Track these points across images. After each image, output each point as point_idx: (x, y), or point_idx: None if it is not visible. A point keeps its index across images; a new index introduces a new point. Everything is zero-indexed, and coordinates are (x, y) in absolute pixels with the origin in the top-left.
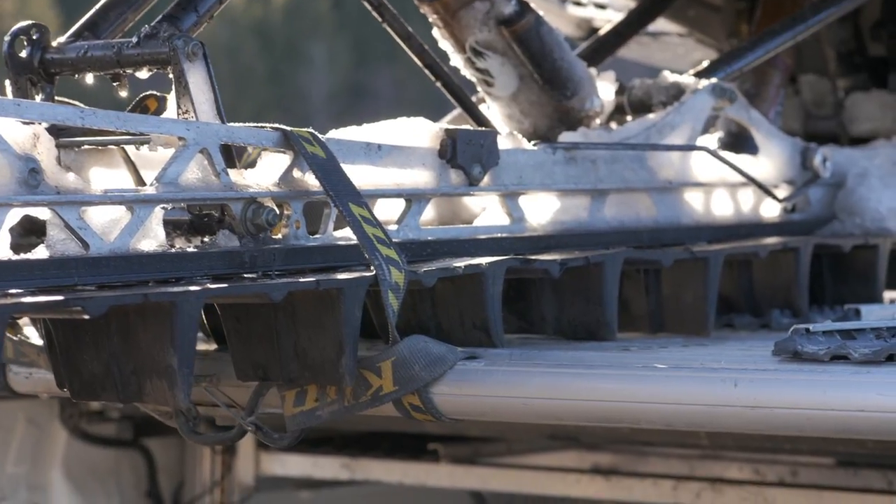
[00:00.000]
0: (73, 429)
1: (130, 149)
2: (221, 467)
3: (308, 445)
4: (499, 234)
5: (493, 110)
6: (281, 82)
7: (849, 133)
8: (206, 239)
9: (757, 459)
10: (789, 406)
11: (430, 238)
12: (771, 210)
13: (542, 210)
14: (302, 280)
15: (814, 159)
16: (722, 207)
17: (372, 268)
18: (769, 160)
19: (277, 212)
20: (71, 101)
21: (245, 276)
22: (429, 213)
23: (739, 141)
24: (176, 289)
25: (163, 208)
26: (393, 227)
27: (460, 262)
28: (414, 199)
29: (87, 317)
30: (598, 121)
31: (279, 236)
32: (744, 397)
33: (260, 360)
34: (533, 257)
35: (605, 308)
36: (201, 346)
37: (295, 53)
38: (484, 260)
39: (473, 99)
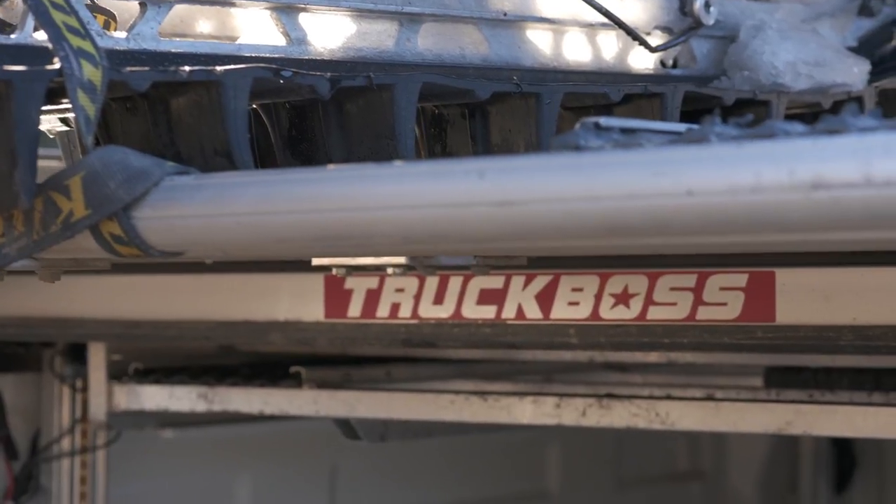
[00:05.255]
0: None
1: None
2: (83, 406)
3: (162, 375)
4: (269, 55)
5: None
6: None
7: None
8: None
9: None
10: (544, 199)
11: (171, 50)
12: (643, 61)
13: (331, 33)
14: None
15: (694, 3)
16: (577, 52)
17: (57, 60)
18: (638, 1)
19: None
20: None
21: None
22: None
23: None
24: None
25: None
26: (121, 35)
27: (190, 67)
28: (149, 2)
29: None
30: None
31: None
32: (491, 192)
33: None
34: (294, 70)
35: (398, 143)
36: None
37: None
38: (222, 67)
39: None
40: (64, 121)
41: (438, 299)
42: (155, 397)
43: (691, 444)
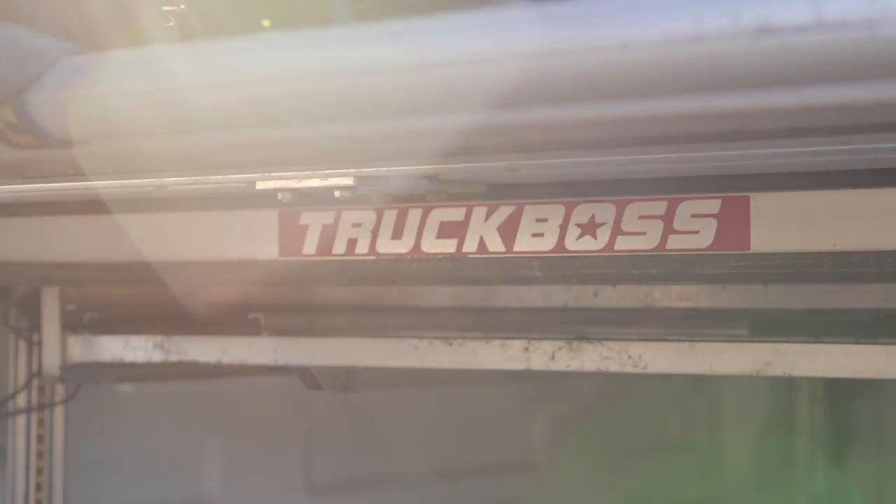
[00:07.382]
0: None
1: None
2: (39, 361)
3: (117, 325)
4: None
5: None
6: None
7: None
8: None
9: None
10: (464, 60)
11: None
12: None
13: None
14: None
15: None
16: None
17: None
18: None
19: None
20: None
21: None
22: None
23: None
24: None
25: None
26: None
27: None
28: None
29: None
30: None
31: None
32: (407, 55)
33: None
34: None
35: None
36: None
37: None
38: None
39: None
40: None
41: (397, 234)
42: (110, 348)
43: (685, 415)
